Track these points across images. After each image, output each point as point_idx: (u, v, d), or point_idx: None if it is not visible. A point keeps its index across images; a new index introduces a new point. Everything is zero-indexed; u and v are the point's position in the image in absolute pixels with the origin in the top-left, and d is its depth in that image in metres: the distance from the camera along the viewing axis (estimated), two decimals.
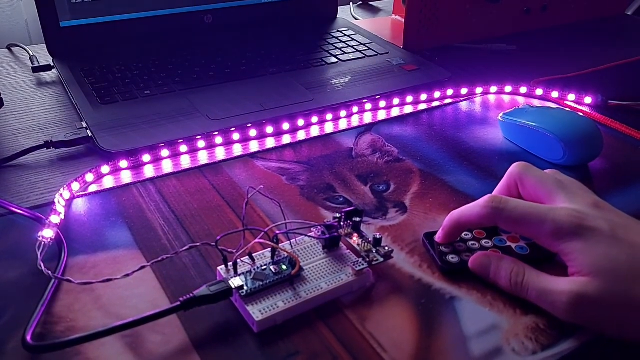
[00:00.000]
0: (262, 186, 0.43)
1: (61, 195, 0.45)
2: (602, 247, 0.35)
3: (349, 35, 0.78)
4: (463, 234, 0.42)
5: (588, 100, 0.63)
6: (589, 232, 0.35)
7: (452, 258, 0.40)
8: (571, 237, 0.35)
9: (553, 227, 0.36)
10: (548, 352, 0.34)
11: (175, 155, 0.52)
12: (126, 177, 0.49)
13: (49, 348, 0.32)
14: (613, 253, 0.34)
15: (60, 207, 0.43)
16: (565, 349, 0.34)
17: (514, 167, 0.41)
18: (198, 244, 0.38)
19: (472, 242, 0.41)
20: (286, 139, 0.56)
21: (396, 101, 0.63)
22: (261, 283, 0.36)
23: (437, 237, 0.41)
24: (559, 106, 0.63)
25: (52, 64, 0.67)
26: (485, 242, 0.41)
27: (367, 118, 0.61)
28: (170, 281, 0.38)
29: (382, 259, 0.38)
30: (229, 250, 0.37)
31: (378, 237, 0.39)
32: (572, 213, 0.36)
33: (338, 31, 0.79)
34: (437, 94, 0.64)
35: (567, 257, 0.36)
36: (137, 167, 0.50)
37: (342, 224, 0.41)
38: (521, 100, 0.66)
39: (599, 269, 0.34)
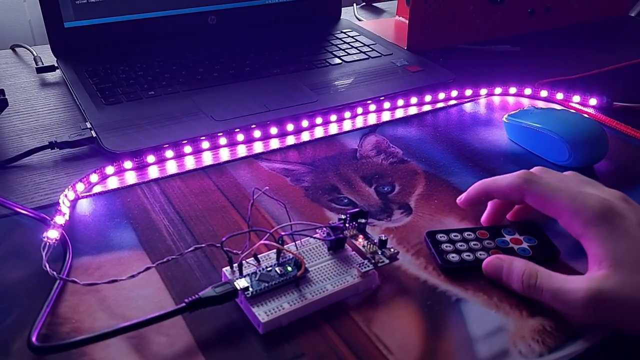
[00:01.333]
0: (267, 187, 0.42)
1: (66, 195, 0.45)
2: (627, 238, 0.34)
3: (352, 37, 0.77)
4: (466, 234, 0.42)
5: (593, 101, 0.63)
6: (617, 219, 0.35)
7: (453, 257, 0.40)
8: (599, 222, 0.35)
9: (582, 208, 0.36)
10: (555, 355, 0.34)
11: (179, 156, 0.52)
12: (130, 177, 0.49)
13: (54, 349, 0.32)
14: (637, 246, 0.34)
15: (64, 207, 0.43)
16: (572, 351, 0.34)
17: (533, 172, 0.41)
18: (203, 245, 0.38)
19: (475, 242, 0.41)
20: (290, 140, 0.56)
21: (400, 102, 0.62)
22: (266, 284, 0.35)
23: (459, 200, 0.42)
24: (563, 108, 0.63)
25: (56, 65, 0.67)
26: (487, 243, 0.41)
27: (372, 119, 0.60)
28: (175, 282, 0.38)
29: (387, 261, 0.38)
30: (234, 251, 0.37)
31: (383, 238, 0.39)
32: (603, 199, 0.36)
33: (342, 32, 0.79)
34: (441, 95, 0.64)
35: (590, 242, 0.35)
36: (141, 167, 0.50)
37: (347, 225, 0.40)
38: (526, 101, 0.65)
39: (620, 260, 0.34)
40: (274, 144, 0.55)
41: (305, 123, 0.57)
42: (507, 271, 0.38)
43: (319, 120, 0.58)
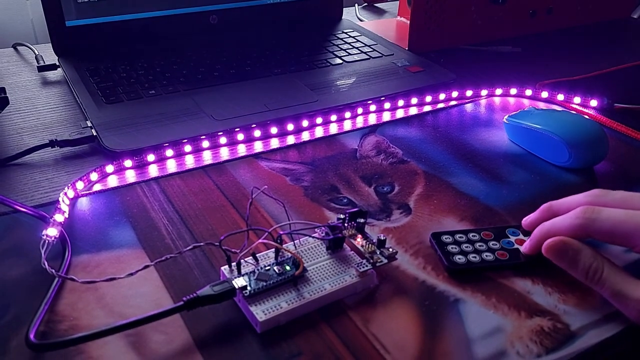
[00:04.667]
0: (266, 186, 0.43)
1: (65, 194, 0.45)
2: None
3: (353, 37, 0.78)
4: (470, 235, 0.42)
5: (594, 103, 0.63)
6: None
7: (459, 258, 0.40)
8: None
9: None
10: (553, 356, 0.34)
11: (179, 155, 0.52)
12: (130, 176, 0.49)
13: (52, 346, 0.32)
14: None
15: (64, 205, 0.43)
16: (570, 352, 0.34)
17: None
18: (202, 244, 0.38)
19: (480, 244, 0.41)
20: (290, 140, 0.56)
21: (401, 103, 0.62)
22: (264, 283, 0.35)
23: (524, 249, 0.40)
24: (564, 109, 0.63)
25: (57, 63, 0.67)
26: (492, 244, 0.41)
27: (372, 119, 0.60)
28: (173, 281, 0.38)
29: (386, 261, 0.38)
30: (233, 250, 0.37)
31: (382, 238, 0.39)
32: None
33: (343, 32, 0.79)
34: (442, 96, 0.64)
35: None
36: (141, 166, 0.50)
37: (346, 225, 0.40)
38: (527, 102, 0.65)
39: None
40: (274, 143, 0.55)
41: (305, 123, 0.57)
42: (572, 259, 0.37)
43: (319, 120, 0.58)
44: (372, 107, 0.61)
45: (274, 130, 0.56)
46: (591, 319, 0.36)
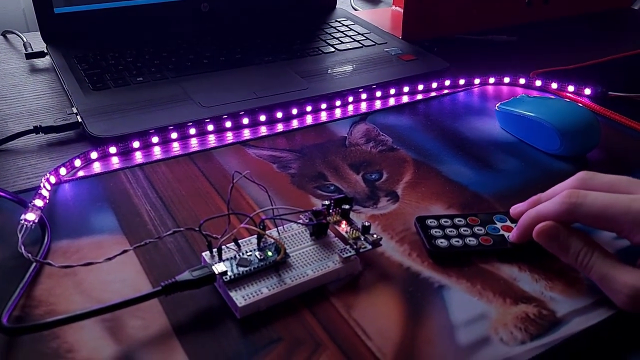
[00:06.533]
0: (248, 171, 0.42)
1: (47, 179, 0.44)
2: None
3: (347, 25, 0.77)
4: (456, 220, 0.41)
5: (587, 91, 0.62)
6: None
7: (441, 242, 0.39)
8: None
9: (638, 217, 0.34)
10: (537, 342, 0.33)
11: (165, 141, 0.51)
12: (115, 163, 0.49)
13: (25, 330, 0.31)
14: None
15: (45, 191, 0.43)
16: (555, 338, 0.33)
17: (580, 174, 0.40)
18: (182, 229, 0.37)
19: (465, 229, 0.40)
20: (279, 127, 0.55)
21: (392, 91, 0.62)
22: (245, 269, 0.35)
23: (512, 237, 0.39)
24: (557, 96, 0.62)
25: (45, 51, 0.66)
26: (477, 229, 0.41)
27: (363, 107, 0.60)
28: (153, 266, 0.37)
29: (370, 247, 0.38)
30: (214, 235, 0.36)
31: (366, 224, 0.38)
32: None
33: (336, 21, 0.78)
34: (434, 84, 0.63)
35: None
36: (126, 153, 0.50)
37: (330, 211, 0.40)
38: (520, 91, 0.64)
39: None
40: (263, 131, 0.54)
41: (294, 111, 0.57)
42: (563, 243, 0.36)
43: (308, 108, 0.57)
44: (363, 95, 0.61)
45: (262, 117, 0.55)
46: (577, 306, 0.35)
